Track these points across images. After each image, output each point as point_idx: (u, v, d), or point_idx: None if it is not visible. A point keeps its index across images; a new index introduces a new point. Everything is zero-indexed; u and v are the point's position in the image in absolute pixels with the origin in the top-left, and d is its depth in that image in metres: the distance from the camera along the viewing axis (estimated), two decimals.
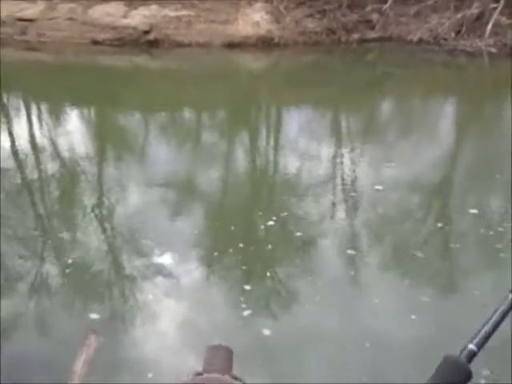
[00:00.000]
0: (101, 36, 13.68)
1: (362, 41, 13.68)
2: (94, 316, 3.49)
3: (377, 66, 12.41)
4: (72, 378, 2.15)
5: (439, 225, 4.87)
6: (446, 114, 9.12)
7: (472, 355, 0.48)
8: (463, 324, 2.92)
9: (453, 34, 13.06)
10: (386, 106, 9.86)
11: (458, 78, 11.22)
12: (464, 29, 13.12)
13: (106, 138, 7.77)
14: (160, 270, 4.05)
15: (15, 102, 9.36)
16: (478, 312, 3.10)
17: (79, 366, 2.19)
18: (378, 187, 5.58)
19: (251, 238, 4.67)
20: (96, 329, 2.47)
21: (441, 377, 0.47)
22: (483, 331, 0.50)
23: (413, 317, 3.45)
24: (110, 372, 2.83)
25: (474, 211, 4.95)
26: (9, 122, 7.92)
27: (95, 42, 13.55)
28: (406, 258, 4.35)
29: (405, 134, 7.92)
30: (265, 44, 13.16)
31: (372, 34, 13.94)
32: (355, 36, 13.78)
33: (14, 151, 6.65)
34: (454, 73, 11.82)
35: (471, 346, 0.49)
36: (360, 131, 8.14)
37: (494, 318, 0.52)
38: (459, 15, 13.13)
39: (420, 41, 13.08)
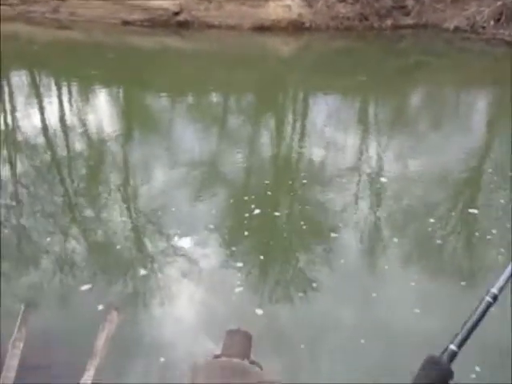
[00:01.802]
0: (131, 16, 13.73)
1: (396, 27, 13.31)
2: (114, 291, 3.56)
3: (410, 54, 12.06)
4: (93, 354, 2.20)
5: (463, 217, 4.76)
6: (480, 105, 8.82)
7: (453, 355, 0.50)
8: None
9: (491, 23, 12.57)
10: (418, 96, 9.60)
11: (496, 68, 10.80)
12: (503, 17, 12.60)
13: (134, 117, 7.83)
14: (181, 251, 4.10)
15: (46, 80, 9.51)
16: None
17: (101, 341, 2.24)
18: (403, 178, 5.51)
19: (273, 223, 4.67)
20: (118, 306, 2.51)
21: (423, 377, 0.49)
22: (463, 332, 0.52)
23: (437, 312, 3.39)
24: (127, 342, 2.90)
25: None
26: (40, 100, 8.07)
27: (126, 23, 13.61)
28: (430, 249, 4.28)
29: (435, 125, 7.71)
30: (295, 28, 12.95)
31: (406, 21, 13.54)
32: (388, 22, 13.41)
33: (44, 128, 6.78)
34: (492, 63, 11.39)
35: (452, 347, 0.51)
36: (389, 121, 7.97)
37: (473, 320, 0.54)
38: (499, 3, 12.60)
39: (456, 29, 12.65)
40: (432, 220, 4.67)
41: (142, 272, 3.85)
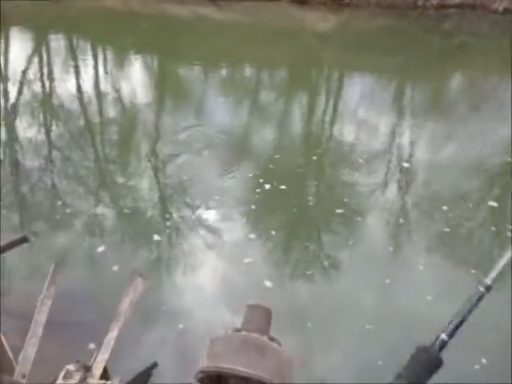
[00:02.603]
0: None
1: (441, 7, 12.74)
2: (139, 258, 3.66)
3: (454, 35, 11.56)
4: (117, 318, 2.28)
5: (493, 204, 4.63)
6: None
7: (443, 344, 0.53)
8: None
9: None
10: (458, 80, 9.24)
11: None
12: None
13: (166, 87, 7.85)
14: (205, 222, 4.15)
15: (82, 46, 9.60)
16: None
17: (125, 305, 2.31)
18: (433, 164, 5.40)
19: (301, 201, 4.66)
20: (143, 273, 2.58)
21: (414, 365, 0.52)
22: (454, 322, 0.55)
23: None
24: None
25: None
26: (76, 65, 8.17)
27: None
28: (451, 237, 4.21)
29: (473, 112, 7.43)
30: (335, 3, 12.58)
31: (452, 0, 12.94)
32: (434, 1, 12.85)
33: (79, 94, 6.89)
34: None
35: (443, 336, 0.54)
36: (425, 105, 7.73)
37: (464, 310, 0.56)
38: None
39: (506, 10, 12.01)
40: (457, 208, 4.59)
41: (165, 239, 3.93)
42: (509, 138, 6.32)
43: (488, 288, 0.57)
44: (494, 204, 4.72)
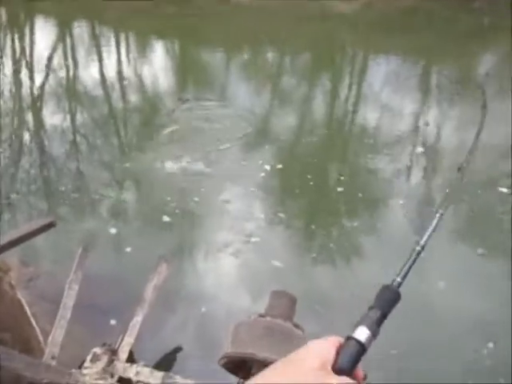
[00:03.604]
0: None
1: None
2: (163, 246, 3.71)
3: (485, 15, 11.13)
4: (141, 303, 2.32)
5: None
6: None
7: (400, 284, 0.71)
8: None
9: None
10: (487, 62, 8.93)
11: None
12: None
13: (188, 72, 7.83)
14: (226, 207, 4.17)
15: (105, 31, 9.62)
16: None
17: (149, 291, 2.34)
18: (459, 148, 5.27)
19: (322, 187, 4.63)
20: (169, 259, 2.61)
21: (381, 299, 0.68)
22: (406, 267, 0.73)
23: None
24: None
25: None
26: (98, 51, 8.21)
27: None
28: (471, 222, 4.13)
29: (502, 95, 7.18)
30: None
31: None
32: None
33: (103, 80, 6.95)
34: None
35: (398, 279, 0.71)
36: (451, 87, 7.51)
37: (413, 256, 0.75)
38: None
39: None
40: (479, 193, 4.50)
41: (187, 225, 3.98)
42: None
43: (423, 247, 0.77)
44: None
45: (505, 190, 4.60)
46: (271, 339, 1.60)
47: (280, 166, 4.82)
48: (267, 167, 4.79)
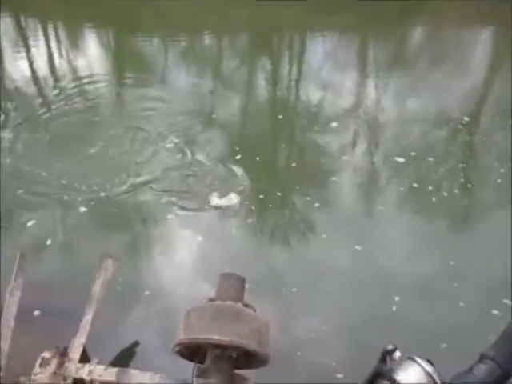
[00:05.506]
0: None
1: None
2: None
3: None
4: (90, 301, 2.24)
5: (460, 165, 4.75)
6: (483, 46, 8.49)
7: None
8: None
9: None
10: (418, 35, 9.24)
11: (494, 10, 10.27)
12: None
13: (125, 60, 7.56)
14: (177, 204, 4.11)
15: (31, 22, 9.07)
16: None
17: (97, 288, 2.27)
18: (401, 118, 5.49)
19: (269, 166, 4.66)
20: (113, 254, 2.53)
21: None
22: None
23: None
24: None
25: None
26: (26, 45, 7.75)
27: None
28: (425, 192, 4.31)
29: (435, 65, 7.49)
30: None
31: None
32: None
33: (33, 74, 6.59)
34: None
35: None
36: (387, 61, 7.74)
37: None
38: None
39: None
40: (430, 160, 4.70)
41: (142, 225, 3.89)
42: (473, 90, 6.46)
43: None
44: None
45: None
46: (222, 321, 1.60)
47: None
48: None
